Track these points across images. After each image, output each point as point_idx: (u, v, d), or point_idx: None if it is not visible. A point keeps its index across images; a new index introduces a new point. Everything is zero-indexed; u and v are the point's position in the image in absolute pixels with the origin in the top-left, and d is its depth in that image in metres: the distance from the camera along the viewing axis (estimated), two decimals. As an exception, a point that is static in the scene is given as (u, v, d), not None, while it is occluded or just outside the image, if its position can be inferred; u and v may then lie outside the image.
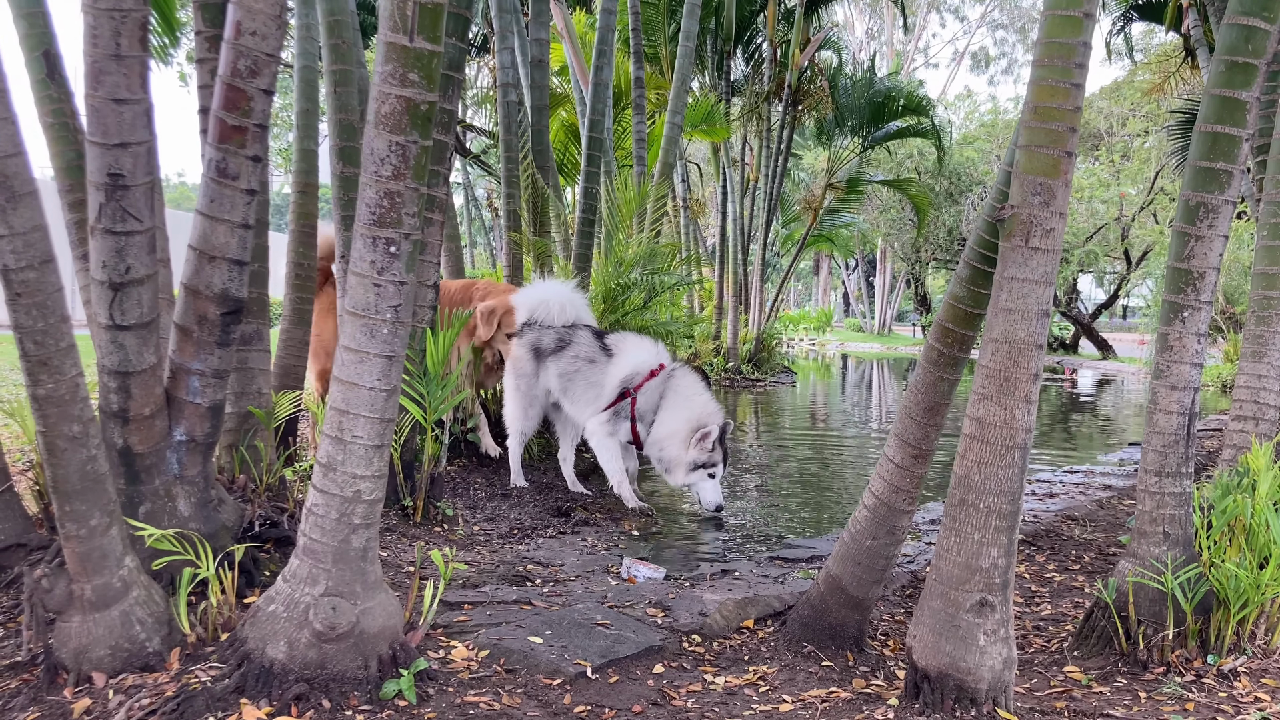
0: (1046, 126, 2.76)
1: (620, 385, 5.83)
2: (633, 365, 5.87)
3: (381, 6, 2.69)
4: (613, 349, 5.98)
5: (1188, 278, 3.38)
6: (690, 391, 5.82)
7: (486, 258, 23.64)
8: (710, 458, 5.64)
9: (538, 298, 6.33)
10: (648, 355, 5.93)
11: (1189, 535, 3.42)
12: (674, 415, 5.74)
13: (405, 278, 2.79)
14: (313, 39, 5.68)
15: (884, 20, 46.63)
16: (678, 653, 3.45)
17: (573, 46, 11.36)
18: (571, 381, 6.01)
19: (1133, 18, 13.66)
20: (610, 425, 5.86)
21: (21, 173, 2.56)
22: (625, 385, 5.82)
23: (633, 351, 5.95)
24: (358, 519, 2.83)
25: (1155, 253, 26.59)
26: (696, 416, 5.69)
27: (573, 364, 6.02)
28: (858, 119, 18.66)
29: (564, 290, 6.46)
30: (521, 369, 6.17)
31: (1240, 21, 3.26)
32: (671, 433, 5.72)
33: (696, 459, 5.64)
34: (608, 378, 5.89)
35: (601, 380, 5.91)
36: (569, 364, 6.03)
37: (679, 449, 5.66)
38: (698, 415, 5.69)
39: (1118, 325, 44.78)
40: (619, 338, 6.14)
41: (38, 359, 2.63)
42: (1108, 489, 7.07)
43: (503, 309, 6.42)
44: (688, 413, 5.71)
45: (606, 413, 5.85)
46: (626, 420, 5.85)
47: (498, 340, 6.45)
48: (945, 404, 3.31)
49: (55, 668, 2.76)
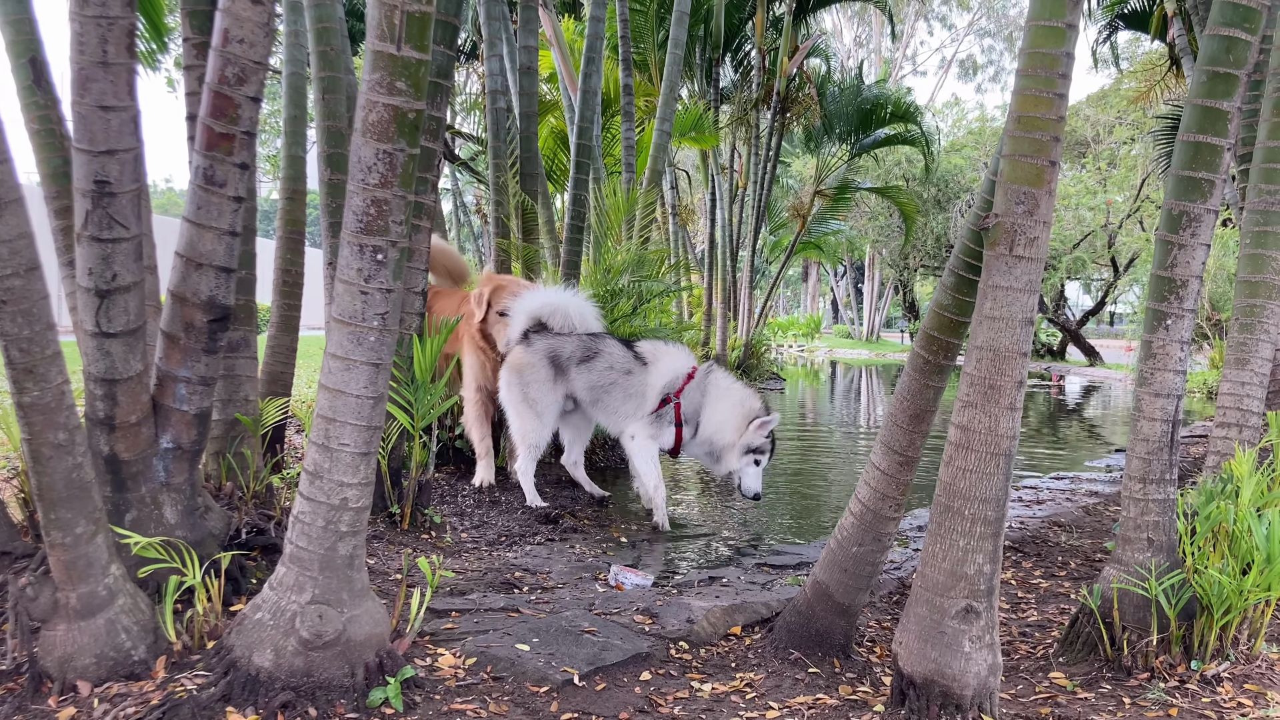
0: (1030, 136, 2.78)
1: (662, 393, 5.88)
2: (671, 372, 5.91)
3: (369, 15, 2.70)
4: (646, 357, 5.98)
5: (1171, 285, 3.40)
6: (729, 383, 6.00)
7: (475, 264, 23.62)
8: (764, 444, 5.84)
9: (550, 303, 6.19)
10: (682, 360, 6.01)
11: (1173, 541, 3.44)
12: (722, 406, 5.89)
13: (392, 285, 2.80)
14: (301, 46, 5.68)
15: (872, 28, 46.80)
16: (665, 660, 3.45)
17: (561, 54, 11.37)
18: (607, 393, 5.96)
19: (1118, 26, 13.77)
20: (654, 429, 5.91)
21: (7, 180, 2.55)
22: (666, 392, 5.88)
23: (668, 358, 5.99)
24: (344, 527, 2.83)
25: (1142, 260, 26.76)
26: (744, 404, 5.89)
27: (607, 375, 5.95)
28: (846, 126, 18.73)
29: (577, 299, 6.34)
30: (538, 377, 5.99)
31: (1222, 32, 3.29)
32: (723, 421, 5.86)
33: (751, 443, 5.81)
34: (648, 387, 5.90)
35: (642, 390, 5.91)
36: (602, 375, 5.95)
37: (733, 435, 5.83)
38: (745, 403, 5.89)
39: (1105, 332, 45.02)
40: (650, 346, 6.12)
41: (23, 366, 2.62)
42: (1094, 495, 7.10)
43: (490, 286, 6.35)
44: (736, 402, 5.89)
45: (650, 417, 5.88)
46: (670, 425, 5.93)
47: (491, 321, 6.34)
48: (931, 411, 3.33)
49: (40, 676, 2.76)
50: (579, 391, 6.04)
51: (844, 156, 19.82)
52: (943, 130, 35.83)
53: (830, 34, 39.86)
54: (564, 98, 11.49)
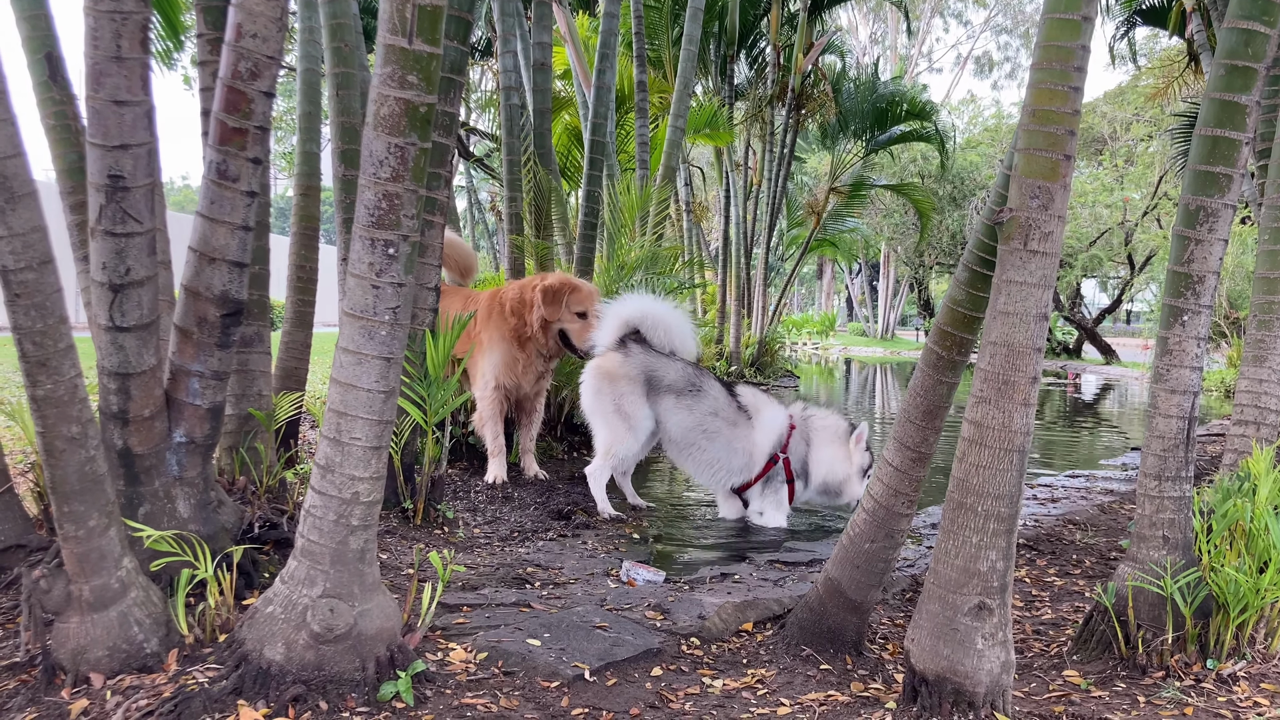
0: (1045, 130, 2.76)
1: (770, 453, 5.71)
2: (776, 427, 5.75)
3: (381, 8, 2.70)
4: (750, 409, 5.79)
5: (1187, 281, 3.37)
6: (821, 417, 5.92)
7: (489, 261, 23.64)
8: (869, 458, 5.80)
9: (650, 314, 5.91)
10: (781, 411, 5.86)
11: (1189, 540, 3.41)
12: (827, 443, 5.79)
13: (404, 279, 2.80)
14: (315, 42, 5.69)
15: (888, 25, 46.65)
16: (676, 655, 3.44)
17: (575, 50, 11.36)
18: (710, 442, 5.73)
19: (1136, 22, 13.66)
20: (778, 495, 5.76)
21: (21, 174, 2.56)
22: (774, 451, 5.71)
23: (769, 410, 5.82)
24: (356, 521, 2.83)
25: (1159, 258, 26.61)
26: (839, 430, 5.83)
27: (711, 422, 5.73)
28: (861, 123, 18.65)
29: (679, 314, 6.10)
30: (634, 391, 5.75)
31: (1240, 25, 3.26)
32: (833, 457, 5.77)
33: (864, 463, 5.77)
34: (755, 447, 5.71)
35: (749, 449, 5.71)
36: (705, 420, 5.73)
37: (846, 465, 5.75)
38: (839, 429, 5.85)
39: (1121, 330, 44.78)
40: (751, 395, 5.92)
41: (36, 360, 2.63)
42: (1109, 493, 7.06)
43: (569, 287, 6.28)
44: (834, 433, 5.81)
45: (771, 486, 5.75)
46: (784, 484, 5.75)
47: (565, 319, 6.27)
48: (944, 407, 3.31)
49: (53, 668, 2.77)
50: (671, 428, 5.78)
51: (859, 153, 19.75)
52: (958, 127, 35.73)
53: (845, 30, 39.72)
54: (578, 94, 11.49)
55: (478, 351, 6.51)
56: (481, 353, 6.49)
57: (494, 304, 6.52)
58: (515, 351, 6.41)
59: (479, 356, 6.51)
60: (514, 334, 6.39)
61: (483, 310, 6.53)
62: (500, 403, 6.47)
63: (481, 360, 6.48)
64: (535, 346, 6.40)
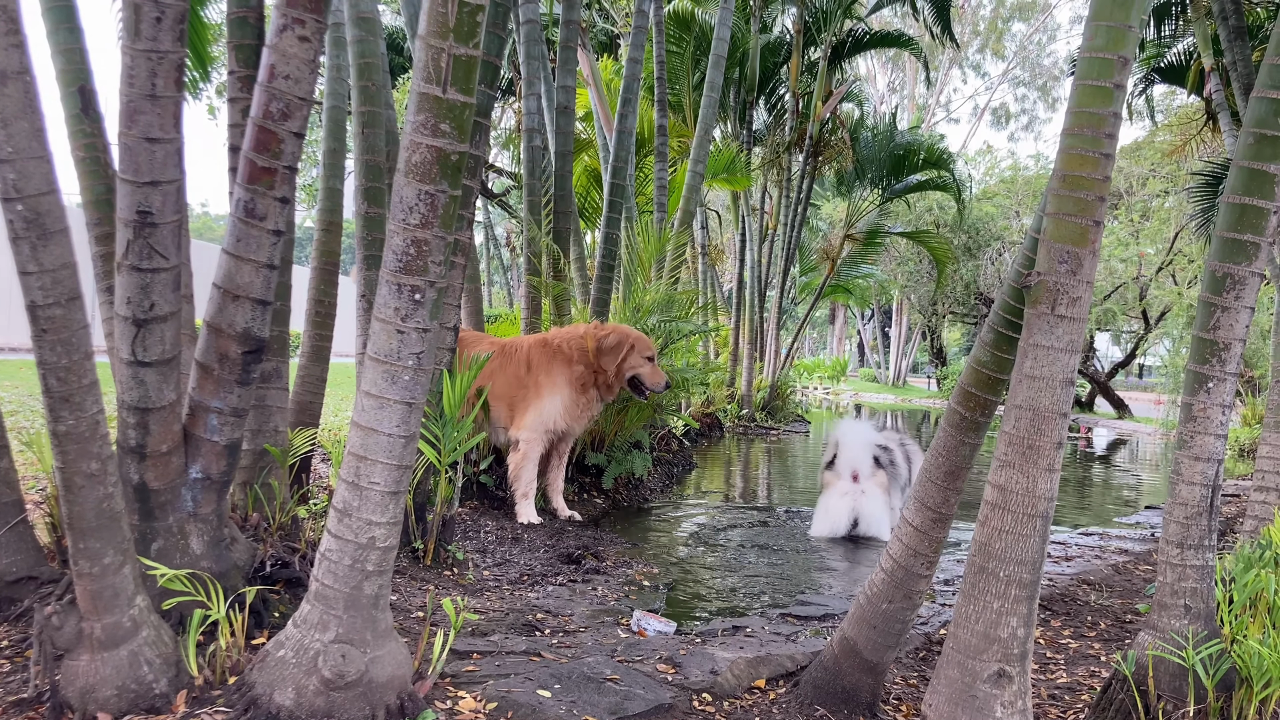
0: (1075, 195, 2.75)
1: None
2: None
3: (416, 56, 2.72)
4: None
5: (1213, 348, 3.35)
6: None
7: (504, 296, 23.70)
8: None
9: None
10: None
11: (1211, 609, 3.36)
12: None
13: (429, 325, 2.79)
14: (343, 80, 5.75)
15: (906, 74, 46.99)
16: (688, 712, 3.39)
17: (598, 93, 11.46)
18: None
19: (1154, 80, 13.74)
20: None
21: (54, 210, 2.58)
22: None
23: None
24: (371, 566, 2.81)
25: (1173, 313, 26.49)
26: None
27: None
28: (878, 171, 18.75)
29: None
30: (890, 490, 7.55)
31: (1270, 95, 3.26)
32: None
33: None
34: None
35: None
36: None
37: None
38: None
39: (1134, 384, 44.57)
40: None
41: (60, 395, 2.63)
42: (1124, 553, 6.98)
43: (639, 337, 6.77)
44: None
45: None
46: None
47: (638, 365, 6.73)
48: (966, 468, 3.28)
49: (61, 706, 2.74)
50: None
51: (875, 201, 19.82)
52: (975, 178, 35.84)
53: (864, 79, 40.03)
54: (599, 137, 11.57)
55: (532, 395, 6.69)
56: (539, 396, 6.68)
57: (548, 350, 6.76)
58: (578, 396, 6.71)
59: (534, 399, 6.68)
60: (579, 380, 6.66)
61: (537, 355, 6.75)
62: (545, 445, 6.74)
63: (540, 402, 6.66)
64: (598, 392, 6.77)
